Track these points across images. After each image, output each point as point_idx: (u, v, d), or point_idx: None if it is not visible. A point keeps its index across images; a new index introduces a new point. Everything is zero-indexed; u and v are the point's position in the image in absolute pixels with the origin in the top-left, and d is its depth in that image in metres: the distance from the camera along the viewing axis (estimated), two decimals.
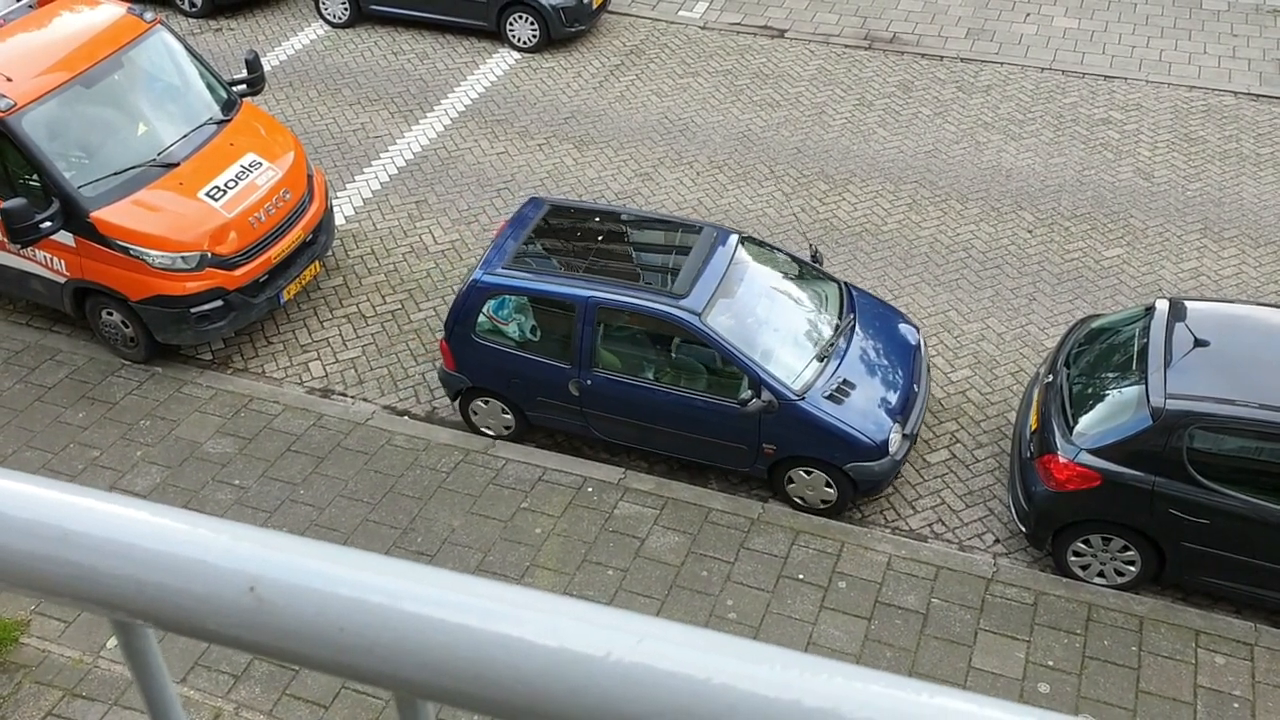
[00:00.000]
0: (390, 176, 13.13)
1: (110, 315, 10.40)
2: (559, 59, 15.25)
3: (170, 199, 10.06)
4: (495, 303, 9.24)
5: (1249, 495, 7.59)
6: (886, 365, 9.08)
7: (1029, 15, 15.74)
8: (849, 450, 8.53)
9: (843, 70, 14.81)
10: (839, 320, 9.17)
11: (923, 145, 13.32)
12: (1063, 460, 7.98)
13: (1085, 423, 8.09)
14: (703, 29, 15.87)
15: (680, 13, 16.23)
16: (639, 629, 0.62)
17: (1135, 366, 8.09)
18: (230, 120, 10.81)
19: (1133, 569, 8.19)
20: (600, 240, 9.50)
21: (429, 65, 15.23)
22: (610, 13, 16.09)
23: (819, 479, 8.78)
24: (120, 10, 10.83)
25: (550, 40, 15.28)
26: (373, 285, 11.56)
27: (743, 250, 9.24)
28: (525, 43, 15.34)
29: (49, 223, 9.58)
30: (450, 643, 0.63)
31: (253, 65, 11.25)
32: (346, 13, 16.01)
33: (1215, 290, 11.06)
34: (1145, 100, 13.95)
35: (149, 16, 10.87)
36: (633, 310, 8.81)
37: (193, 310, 10.06)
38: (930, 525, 9.01)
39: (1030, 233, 11.91)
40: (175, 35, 11.07)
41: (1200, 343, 7.95)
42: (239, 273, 10.19)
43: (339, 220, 12.27)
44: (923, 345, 9.45)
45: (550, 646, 0.62)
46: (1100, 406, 8.19)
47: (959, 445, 9.61)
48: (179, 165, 10.22)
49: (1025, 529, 8.45)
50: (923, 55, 15.06)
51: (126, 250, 9.82)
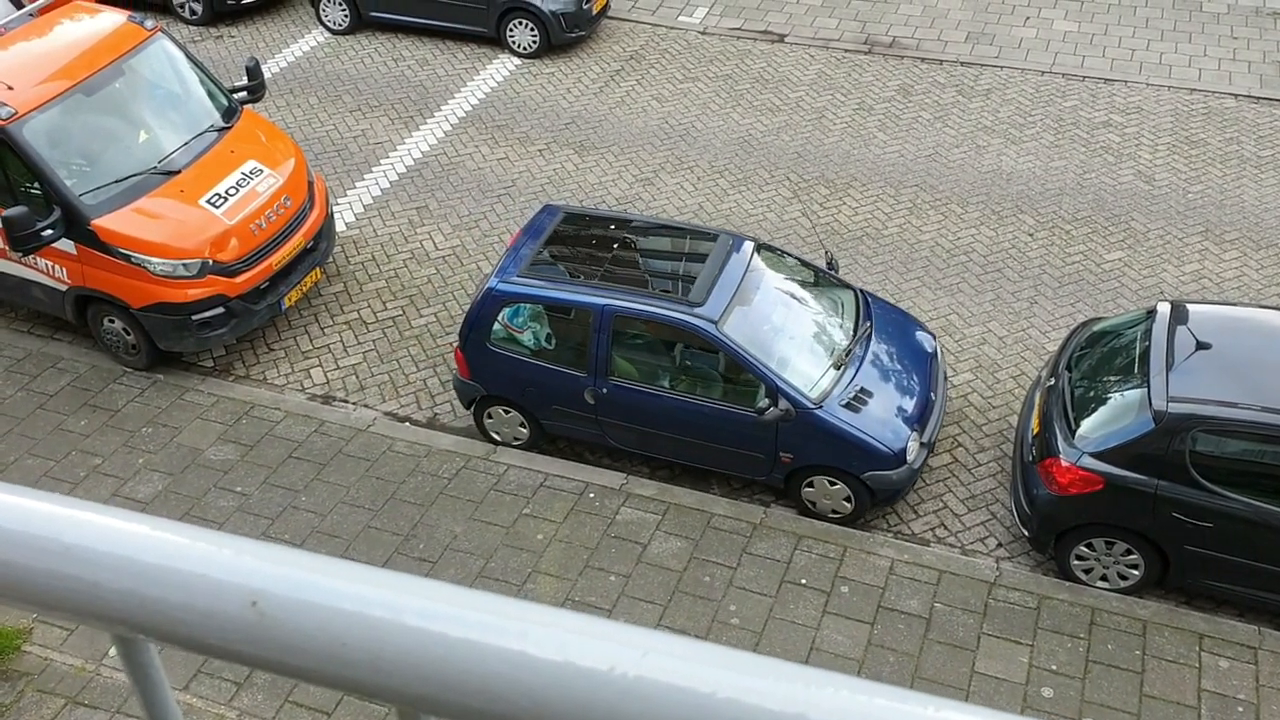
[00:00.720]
0: (391, 183, 13.14)
1: (112, 323, 10.40)
2: (559, 65, 15.27)
3: (171, 206, 10.06)
4: (510, 311, 9.23)
5: (1252, 498, 7.58)
6: (903, 373, 9.06)
7: (1028, 19, 15.75)
8: (867, 459, 8.51)
9: (843, 75, 14.82)
10: (855, 328, 9.15)
11: (923, 149, 13.33)
12: (1065, 464, 7.98)
13: (1087, 426, 8.08)
14: (702, 34, 15.88)
15: (680, 18, 16.24)
16: (643, 643, 0.61)
17: (1137, 370, 8.08)
18: (231, 127, 10.82)
19: (1136, 573, 8.17)
20: (615, 248, 9.49)
21: (429, 71, 15.25)
22: (610, 18, 16.10)
23: (839, 491, 8.76)
24: (121, 18, 10.85)
25: (550, 46, 15.30)
26: (374, 291, 11.56)
27: (758, 257, 9.22)
28: (525, 49, 15.35)
29: (50, 231, 9.58)
30: (453, 657, 0.63)
31: (253, 72, 11.27)
32: (347, 19, 16.03)
33: (1217, 293, 11.05)
34: (1146, 103, 13.95)
35: (150, 24, 10.89)
36: (649, 318, 8.79)
37: (194, 317, 10.06)
38: (933, 529, 9.00)
39: (1031, 236, 11.91)
40: (176, 43, 11.09)
41: (1202, 345, 7.94)
42: (240, 280, 10.20)
43: (340, 227, 12.27)
44: (939, 353, 9.43)
45: (554, 661, 0.61)
46: (1102, 410, 8.18)
47: (961, 449, 9.61)
48: (180, 173, 10.23)
49: (1028, 533, 8.44)
50: (922, 59, 15.06)
51: (128, 258, 9.82)
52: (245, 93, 11.25)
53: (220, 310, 10.15)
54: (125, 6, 11.66)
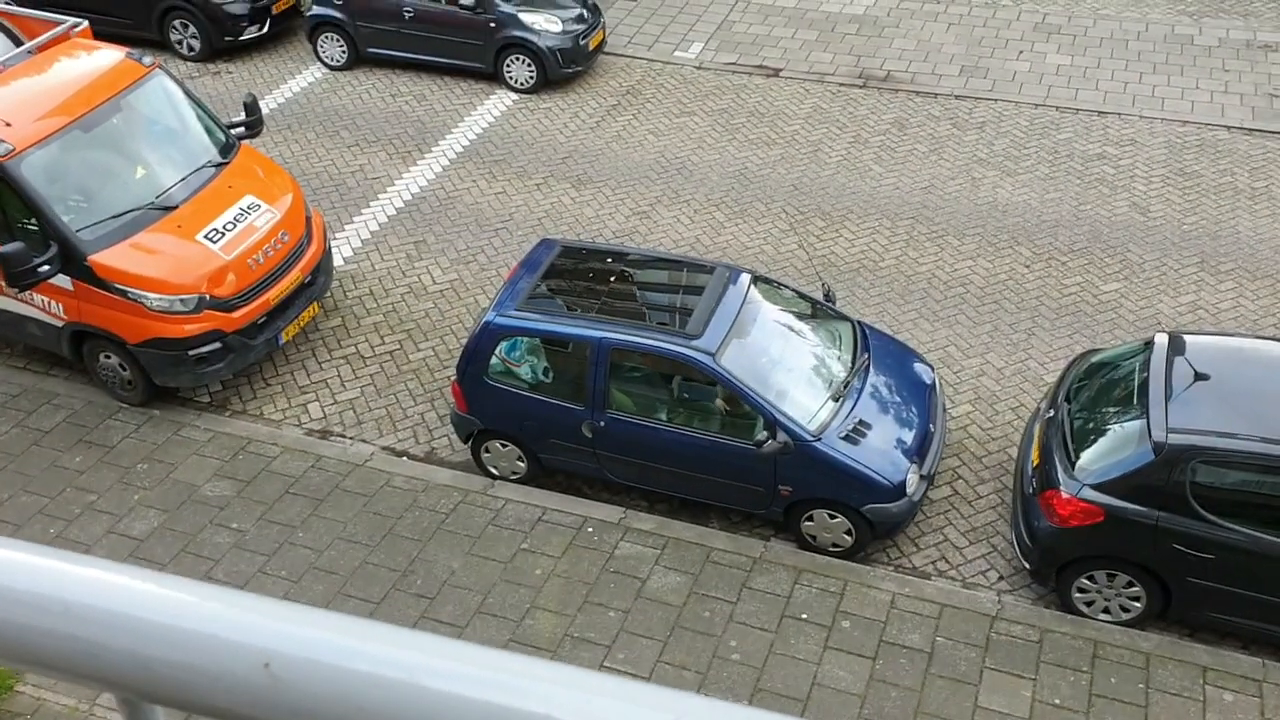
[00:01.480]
0: (389, 217, 13.15)
1: (108, 358, 10.37)
2: (556, 100, 15.33)
3: (169, 242, 10.06)
4: (508, 344, 9.21)
5: (1253, 529, 7.55)
6: (902, 405, 9.03)
7: (1022, 52, 15.86)
8: (866, 491, 8.47)
9: (838, 108, 14.89)
10: (853, 360, 9.13)
11: (919, 182, 13.37)
12: (1065, 496, 7.94)
13: (1087, 458, 8.06)
14: (698, 69, 15.97)
15: (676, 53, 16.34)
16: (675, 706, 0.59)
17: (1136, 401, 8.07)
18: (229, 163, 10.83)
19: (1138, 605, 8.12)
20: (612, 281, 9.48)
21: (426, 107, 15.31)
22: (607, 54, 16.19)
23: (840, 525, 8.70)
24: (119, 55, 10.89)
25: (547, 81, 15.37)
26: (371, 326, 11.54)
27: (755, 290, 9.22)
28: (522, 84, 15.43)
29: (47, 266, 9.57)
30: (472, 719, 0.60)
31: (251, 108, 11.30)
32: (344, 56, 16.11)
33: (1214, 324, 11.06)
34: (1139, 135, 14.03)
35: (148, 61, 10.93)
36: (646, 351, 8.77)
37: (191, 352, 10.03)
38: (933, 563, 8.95)
39: (1028, 268, 11.93)
40: (174, 79, 11.12)
41: (1200, 376, 7.93)
42: (237, 315, 10.18)
43: (337, 261, 12.27)
44: (938, 384, 9.41)
45: None
46: (1102, 441, 8.16)
47: (961, 481, 9.57)
48: (177, 208, 10.23)
49: (1029, 565, 8.40)
50: (917, 93, 15.15)
51: (125, 293, 9.81)
52: (243, 128, 11.27)
53: (217, 345, 10.12)
54: (123, 43, 11.70)
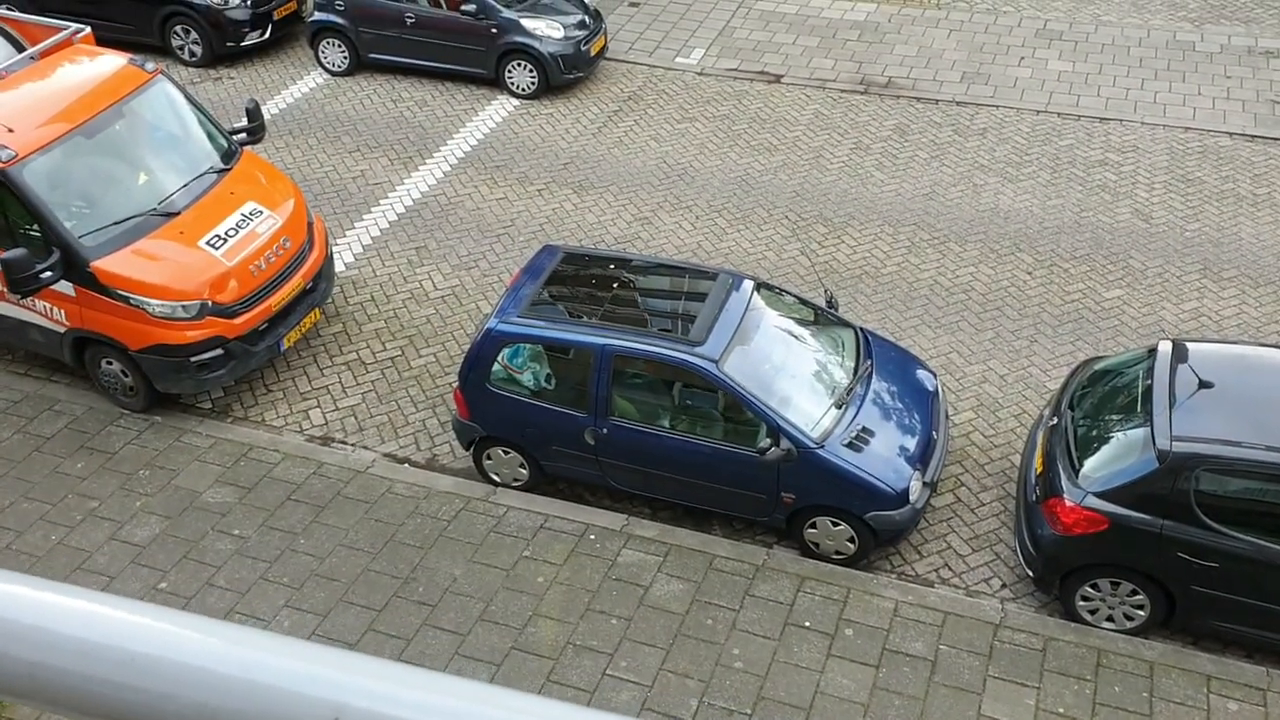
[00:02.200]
0: (390, 223, 13.15)
1: (110, 364, 10.36)
2: (557, 105, 15.34)
3: (171, 248, 10.05)
4: (510, 351, 9.20)
5: (1257, 538, 7.53)
6: (905, 412, 9.02)
7: (1023, 59, 15.86)
8: (869, 499, 8.45)
9: (839, 114, 14.89)
10: (856, 367, 9.12)
11: (920, 188, 13.37)
12: (1069, 504, 7.93)
13: (1091, 465, 8.04)
14: (700, 75, 15.97)
15: (677, 59, 16.34)
16: None
17: (1140, 408, 8.05)
18: (230, 169, 10.83)
19: (1142, 613, 8.11)
20: (615, 287, 9.47)
21: (428, 112, 15.31)
22: (608, 60, 16.20)
23: (843, 532, 8.69)
24: (121, 61, 10.89)
25: (549, 87, 15.37)
26: (373, 332, 11.54)
27: (758, 296, 9.21)
28: (524, 90, 15.43)
29: (49, 272, 9.56)
30: None
31: (253, 114, 11.30)
32: (346, 61, 16.12)
33: (1216, 331, 11.05)
34: (1141, 142, 14.03)
35: (150, 67, 10.93)
36: (649, 358, 8.76)
37: (193, 359, 10.02)
38: (937, 570, 8.93)
39: (1030, 274, 11.92)
40: (176, 85, 11.12)
41: (1204, 384, 7.92)
42: (239, 321, 10.17)
43: (339, 267, 12.26)
44: (941, 391, 9.40)
45: None
46: (1105, 449, 8.14)
47: (964, 489, 9.56)
48: (179, 214, 10.23)
49: (1032, 573, 8.38)
50: (918, 99, 15.15)
51: (127, 299, 9.80)
52: (245, 134, 11.27)
53: (219, 352, 10.11)
54: (125, 49, 11.70)
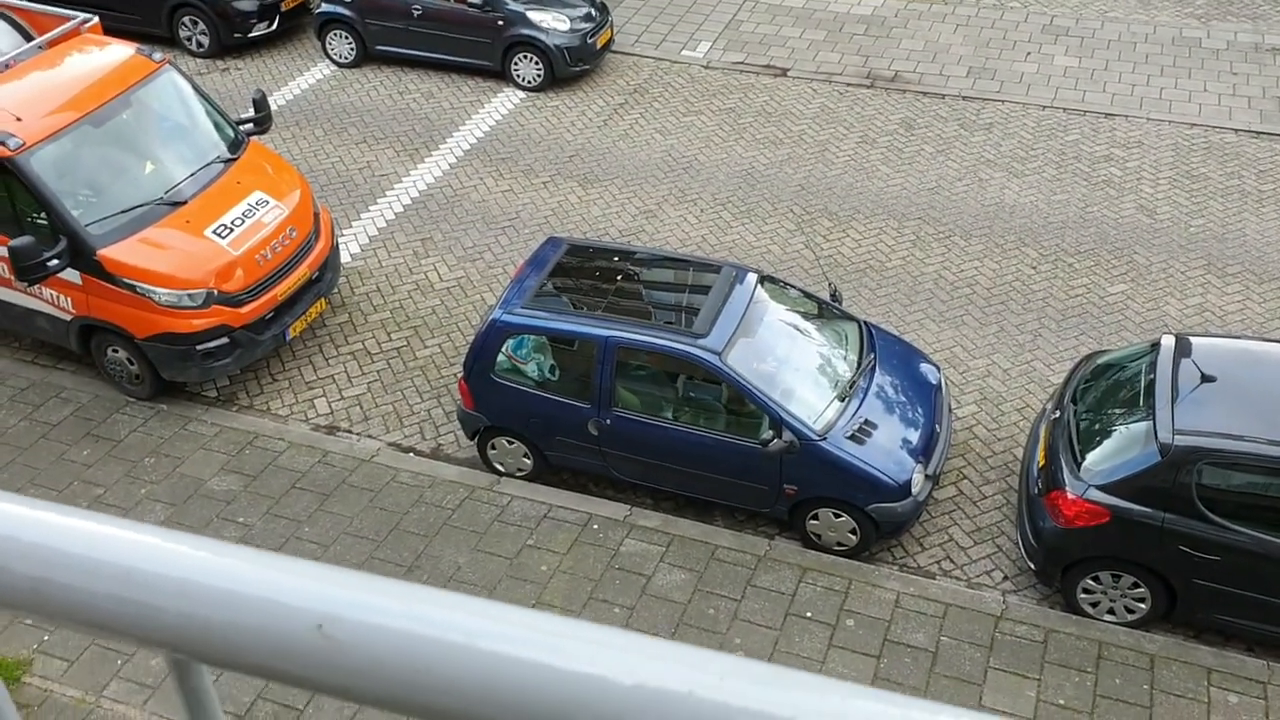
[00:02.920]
0: (395, 214, 13.18)
1: (116, 352, 10.41)
2: (563, 98, 15.36)
3: (177, 237, 10.09)
4: (514, 342, 9.23)
5: (1259, 531, 7.55)
6: (907, 405, 9.04)
7: (1029, 54, 15.86)
8: (871, 491, 8.48)
9: (845, 108, 14.90)
10: (859, 360, 9.14)
11: (925, 182, 13.38)
12: (1071, 496, 7.95)
13: (1093, 459, 8.06)
14: (706, 68, 15.98)
15: (683, 52, 16.35)
16: (721, 667, 0.61)
17: (1142, 402, 8.07)
18: (237, 159, 10.87)
19: (1143, 606, 8.13)
20: (619, 279, 9.50)
21: (434, 104, 15.34)
22: (614, 52, 16.21)
23: (845, 524, 8.72)
24: (129, 51, 10.92)
25: (555, 79, 15.39)
26: (378, 322, 11.57)
27: (762, 289, 9.23)
28: (530, 82, 15.45)
29: (56, 260, 9.60)
30: (526, 682, 0.62)
31: (260, 104, 11.33)
32: (353, 53, 16.14)
33: (1220, 326, 11.06)
34: (1146, 138, 14.02)
35: (157, 57, 10.96)
36: (652, 350, 8.79)
37: (198, 347, 10.06)
38: (938, 562, 8.96)
39: (1034, 269, 11.93)
40: (183, 75, 11.16)
41: (1207, 378, 7.94)
42: (245, 310, 10.21)
43: (345, 258, 12.30)
44: (944, 385, 9.42)
45: (628, 685, 0.61)
46: (1108, 442, 8.16)
47: (966, 482, 9.58)
48: (186, 203, 10.27)
49: (1034, 566, 8.41)
50: (924, 93, 15.15)
51: (133, 288, 9.84)
52: (252, 124, 11.31)
53: (225, 340, 10.15)
54: (133, 39, 11.73)
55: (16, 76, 10.39)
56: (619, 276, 9.56)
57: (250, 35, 16.42)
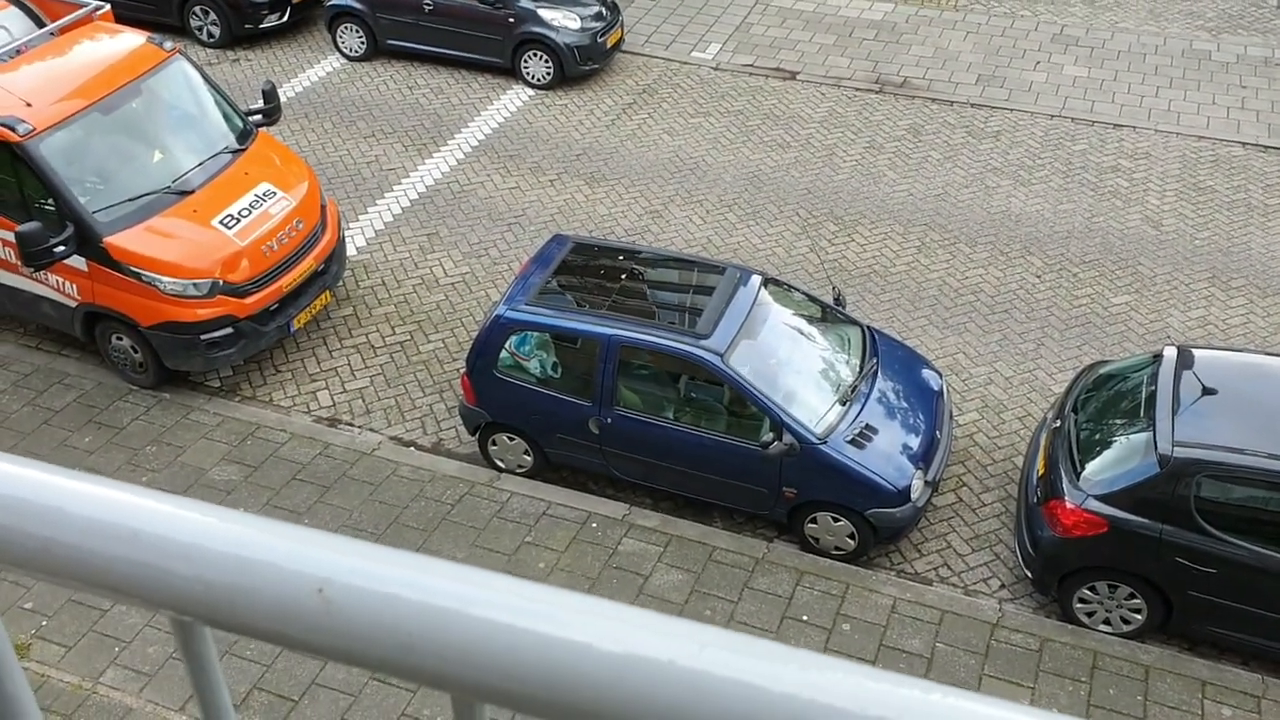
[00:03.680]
0: (403, 209, 13.21)
1: (120, 340, 10.44)
2: (572, 96, 15.38)
3: (184, 226, 10.12)
4: (518, 339, 9.25)
5: (1257, 545, 7.56)
6: (909, 410, 9.05)
7: (1039, 63, 15.87)
8: (871, 496, 8.50)
9: (853, 113, 14.92)
10: (862, 364, 9.16)
11: (932, 189, 13.39)
12: (1070, 506, 7.96)
13: (1092, 469, 8.08)
14: (715, 70, 16.01)
15: (693, 53, 16.38)
16: (702, 637, 0.63)
17: (1143, 413, 8.08)
18: (246, 149, 10.90)
19: (1139, 617, 8.14)
20: (623, 278, 9.52)
21: (443, 100, 15.36)
22: (624, 52, 16.24)
23: (843, 528, 8.74)
24: (140, 39, 10.96)
25: (564, 78, 15.42)
26: (383, 316, 11.60)
27: (765, 292, 9.25)
28: (539, 80, 15.48)
29: (63, 247, 9.63)
30: (517, 647, 0.64)
31: (269, 96, 11.36)
32: (363, 47, 16.18)
33: (1223, 339, 11.07)
34: (1154, 149, 14.03)
35: (168, 46, 11.00)
36: (655, 349, 8.81)
37: (203, 337, 10.09)
38: (936, 569, 8.97)
39: (1039, 278, 11.94)
40: (193, 64, 11.19)
41: (1208, 391, 7.95)
42: (250, 301, 10.24)
43: (351, 251, 12.33)
44: (946, 391, 9.44)
45: (613, 652, 0.63)
46: (1108, 453, 8.18)
47: (965, 489, 9.60)
48: (193, 193, 10.30)
49: (1031, 574, 8.42)
50: (933, 100, 15.17)
51: (139, 276, 9.87)
52: (261, 115, 11.33)
53: (229, 331, 10.18)
54: (144, 28, 11.77)
55: (27, 62, 10.43)
56: (623, 275, 9.59)
57: (261, 27, 16.47)
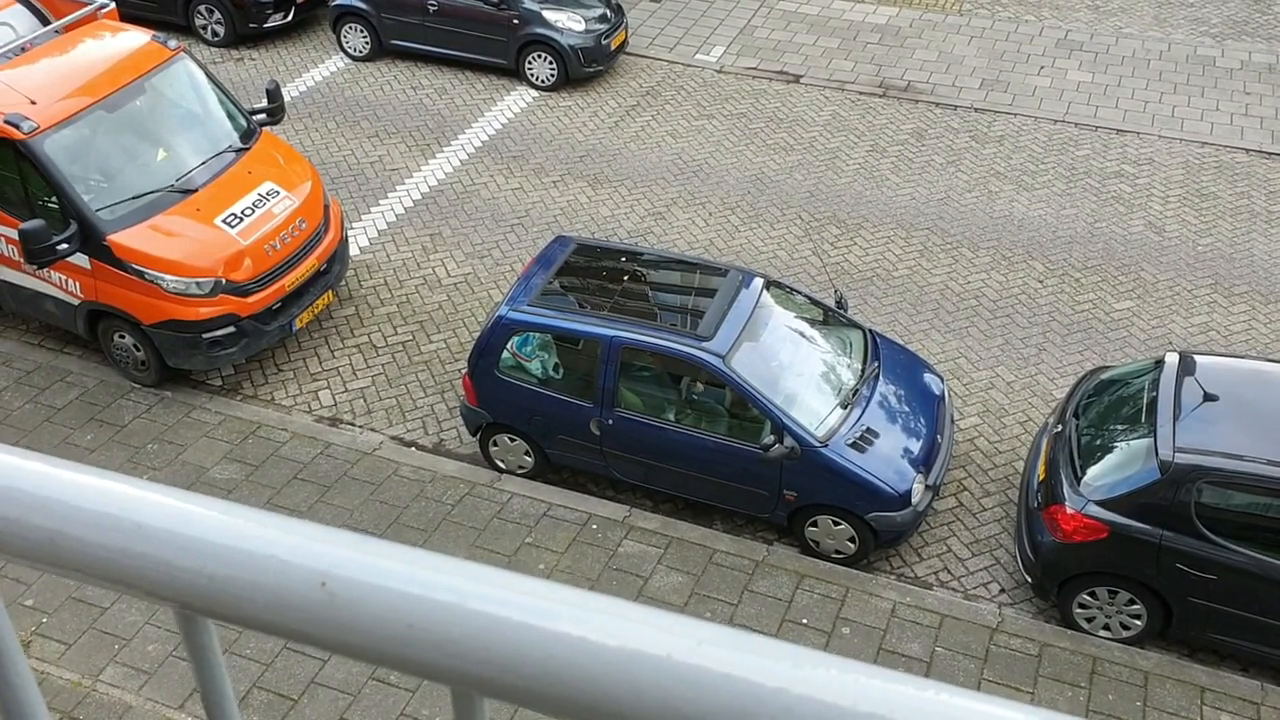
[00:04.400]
0: (406, 209, 13.22)
1: (122, 338, 10.45)
2: (576, 98, 15.40)
3: (187, 225, 10.14)
4: (519, 339, 9.26)
5: (1257, 551, 7.56)
6: (910, 414, 9.05)
7: (1043, 68, 15.88)
8: (871, 499, 8.49)
9: (857, 117, 14.93)
10: (863, 367, 9.16)
11: (935, 193, 13.40)
12: (1070, 511, 7.96)
13: (1093, 474, 8.08)
14: (719, 73, 16.02)
15: (697, 56, 16.39)
16: (699, 633, 0.64)
17: (1144, 419, 8.08)
18: (249, 148, 10.91)
19: (1138, 623, 8.14)
20: (626, 280, 9.53)
21: (447, 100, 15.38)
22: (628, 54, 16.25)
23: (843, 532, 8.74)
24: (144, 38, 10.97)
25: (568, 79, 15.43)
26: (385, 316, 11.61)
27: (768, 294, 9.25)
28: (543, 81, 15.49)
29: (66, 244, 9.65)
30: (515, 641, 0.65)
31: (273, 95, 11.37)
32: (367, 47, 16.20)
33: (1225, 345, 11.07)
34: (1157, 155, 14.03)
35: (172, 44, 11.01)
36: (657, 351, 8.81)
37: (205, 336, 10.10)
38: (936, 573, 8.97)
39: (1041, 283, 11.95)
40: (198, 63, 11.20)
41: (1209, 397, 7.95)
42: (252, 300, 10.25)
43: (353, 250, 12.34)
44: (947, 395, 9.43)
45: (611, 646, 0.63)
46: (1108, 458, 8.17)
47: (966, 493, 9.60)
48: (197, 191, 10.31)
49: (1031, 579, 8.42)
50: (937, 104, 15.17)
51: (141, 274, 9.88)
52: (264, 115, 11.35)
53: (231, 329, 10.19)
54: (149, 27, 11.79)
55: (32, 60, 10.45)
56: (626, 277, 9.59)
57: (265, 26, 16.49)
